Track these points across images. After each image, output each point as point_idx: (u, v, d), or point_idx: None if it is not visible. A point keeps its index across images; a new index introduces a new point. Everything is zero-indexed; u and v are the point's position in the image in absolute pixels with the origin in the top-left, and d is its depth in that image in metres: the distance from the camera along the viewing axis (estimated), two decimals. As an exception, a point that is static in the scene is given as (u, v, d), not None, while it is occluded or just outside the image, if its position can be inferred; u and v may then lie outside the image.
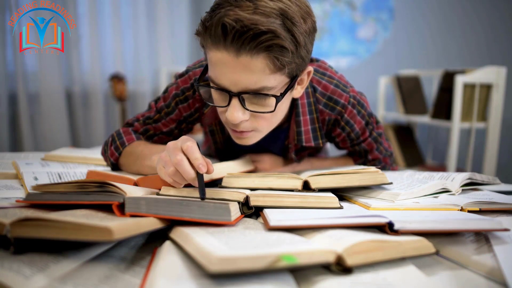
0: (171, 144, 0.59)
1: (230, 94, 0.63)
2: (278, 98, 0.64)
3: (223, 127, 0.88)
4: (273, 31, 0.56)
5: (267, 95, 0.63)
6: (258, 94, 0.62)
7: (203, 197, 0.54)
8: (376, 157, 0.93)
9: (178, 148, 0.57)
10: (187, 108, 0.84)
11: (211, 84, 0.65)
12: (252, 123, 0.69)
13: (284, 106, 0.72)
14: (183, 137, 0.60)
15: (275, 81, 0.62)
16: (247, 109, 0.65)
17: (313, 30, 0.64)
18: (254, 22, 0.55)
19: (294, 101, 0.81)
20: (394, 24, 2.47)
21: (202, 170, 0.56)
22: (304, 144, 0.82)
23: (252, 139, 0.72)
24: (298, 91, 0.73)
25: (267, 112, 0.66)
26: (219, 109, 0.70)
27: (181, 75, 0.83)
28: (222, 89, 0.63)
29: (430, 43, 2.41)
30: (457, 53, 2.36)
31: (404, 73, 2.27)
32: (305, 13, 0.61)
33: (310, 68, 0.70)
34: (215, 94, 0.67)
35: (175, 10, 2.55)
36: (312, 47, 0.66)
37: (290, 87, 0.66)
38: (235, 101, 0.64)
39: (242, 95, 0.63)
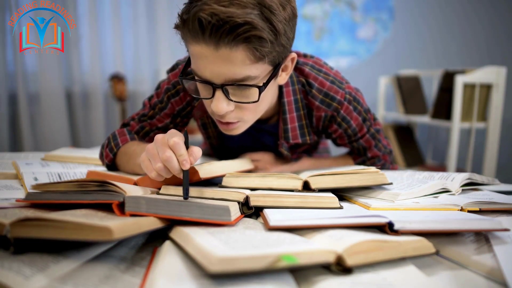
0: (159, 137, 0.58)
1: (213, 86, 0.63)
2: (261, 88, 0.64)
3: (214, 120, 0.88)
4: (250, 23, 0.56)
5: (249, 85, 0.63)
6: (241, 85, 0.63)
7: (186, 197, 0.54)
8: (375, 154, 0.93)
9: (165, 144, 0.57)
10: (179, 102, 0.84)
11: (195, 77, 0.66)
12: (237, 113, 0.69)
13: (269, 94, 0.73)
14: (171, 131, 0.59)
15: (257, 70, 0.62)
16: (231, 100, 0.65)
17: (293, 16, 0.64)
18: (230, 15, 0.55)
19: (280, 99, 0.81)
20: (394, 24, 2.47)
21: (186, 166, 0.56)
22: (291, 141, 0.83)
23: (239, 129, 0.73)
24: (283, 78, 0.73)
25: (251, 102, 0.66)
26: (205, 101, 0.71)
27: (171, 69, 0.84)
28: (205, 82, 0.64)
29: (430, 43, 2.41)
30: (457, 53, 2.36)
31: (404, 73, 2.27)
32: (284, 0, 0.61)
33: (293, 55, 0.71)
34: (199, 86, 0.68)
35: (175, 10, 2.54)
36: (293, 34, 0.66)
37: (273, 75, 0.66)
38: (219, 93, 0.64)
39: (225, 87, 0.63)
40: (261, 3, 0.57)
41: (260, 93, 0.65)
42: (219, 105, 0.64)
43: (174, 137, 0.57)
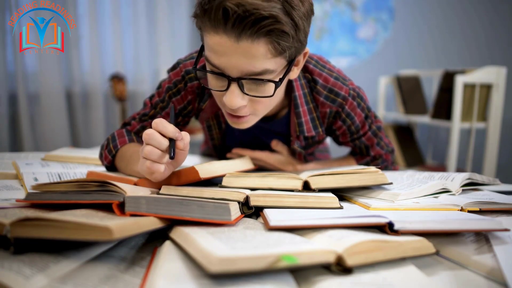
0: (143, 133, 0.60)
1: (229, 79, 0.63)
2: (277, 84, 0.64)
3: (220, 121, 0.88)
4: (275, 16, 0.56)
5: (266, 80, 0.63)
6: (258, 80, 0.62)
7: (172, 156, 0.56)
8: (378, 153, 0.93)
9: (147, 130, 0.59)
10: (180, 101, 0.84)
11: (209, 68, 0.65)
12: (250, 107, 0.69)
13: (282, 88, 0.73)
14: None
15: (276, 65, 0.62)
16: (246, 94, 0.65)
17: (310, 12, 0.64)
18: (256, 7, 0.54)
19: (291, 93, 0.81)
20: (394, 24, 2.47)
21: (178, 137, 0.58)
22: (306, 134, 0.83)
23: (249, 122, 0.73)
24: (294, 73, 0.73)
25: (266, 97, 0.66)
26: (216, 93, 0.70)
27: (172, 68, 0.84)
28: (221, 74, 0.63)
29: (430, 43, 2.41)
30: (457, 53, 2.36)
31: (404, 73, 2.27)
32: None
33: (306, 49, 0.70)
34: (212, 78, 0.67)
35: (175, 10, 2.55)
36: (309, 30, 0.66)
37: (288, 70, 0.66)
38: (234, 87, 0.63)
39: (241, 81, 0.63)
40: None
41: (276, 88, 0.65)
42: (234, 99, 0.64)
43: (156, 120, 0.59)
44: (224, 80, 0.64)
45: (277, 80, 0.64)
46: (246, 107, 0.68)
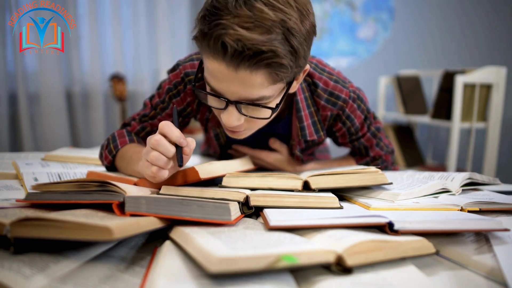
0: (149, 137, 0.60)
1: (227, 101, 0.63)
2: (274, 110, 0.65)
3: None
4: (274, 51, 0.55)
5: (263, 106, 0.64)
6: (255, 105, 0.63)
7: (181, 164, 0.58)
8: (377, 154, 0.93)
9: (154, 135, 0.59)
10: (180, 102, 0.85)
11: (207, 88, 0.66)
12: (247, 124, 0.70)
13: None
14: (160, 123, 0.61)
15: (273, 90, 0.63)
16: (244, 115, 0.66)
17: (312, 33, 0.62)
18: (255, 43, 0.54)
19: (293, 97, 0.81)
20: (394, 24, 2.47)
21: (182, 143, 0.59)
22: (308, 138, 0.83)
23: (245, 135, 0.74)
24: (293, 87, 0.73)
25: (263, 119, 0.67)
26: (215, 109, 0.70)
27: (172, 70, 0.84)
28: (219, 96, 0.64)
29: (430, 43, 2.41)
30: (457, 53, 2.36)
31: (404, 73, 2.27)
32: (304, 15, 0.59)
33: (307, 67, 0.69)
34: (211, 97, 0.67)
35: (175, 10, 2.55)
36: (310, 50, 0.65)
37: (286, 92, 0.66)
38: (231, 108, 0.64)
39: (238, 104, 0.63)
40: (284, 25, 0.55)
41: (272, 113, 0.66)
42: (231, 120, 0.65)
43: (162, 124, 0.59)
44: (222, 100, 0.64)
45: (273, 106, 0.65)
46: (243, 125, 0.69)
